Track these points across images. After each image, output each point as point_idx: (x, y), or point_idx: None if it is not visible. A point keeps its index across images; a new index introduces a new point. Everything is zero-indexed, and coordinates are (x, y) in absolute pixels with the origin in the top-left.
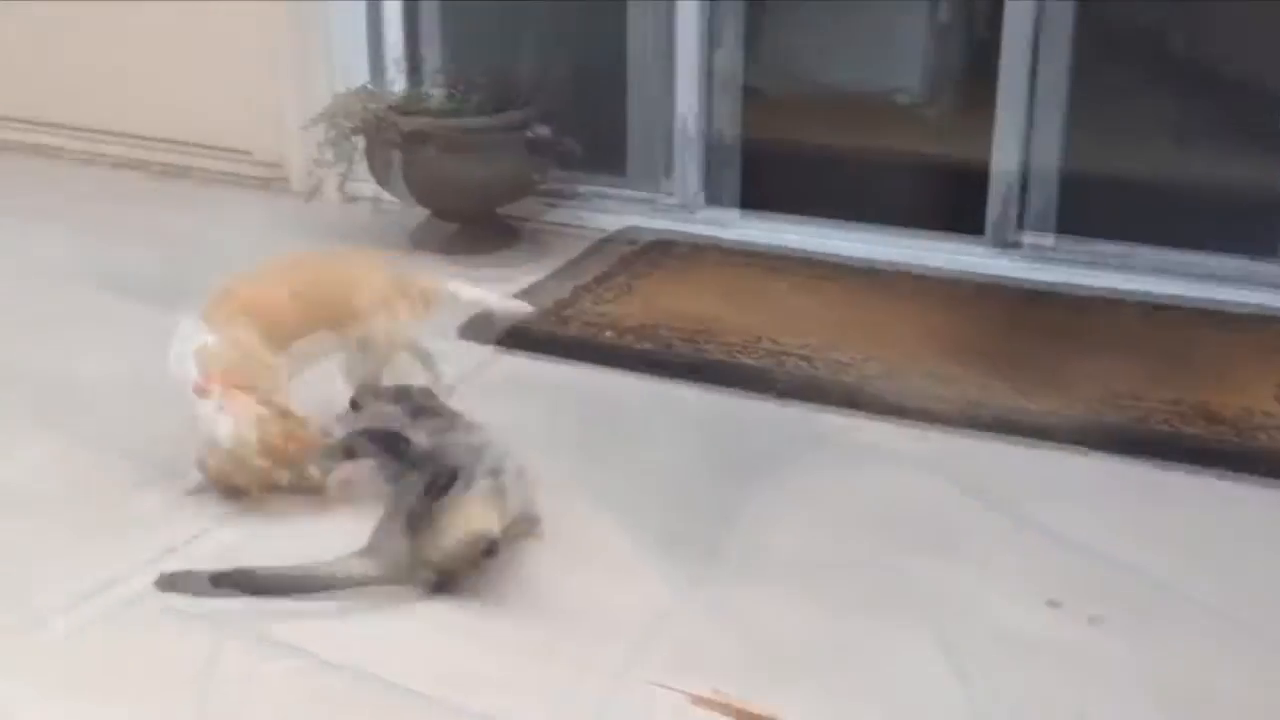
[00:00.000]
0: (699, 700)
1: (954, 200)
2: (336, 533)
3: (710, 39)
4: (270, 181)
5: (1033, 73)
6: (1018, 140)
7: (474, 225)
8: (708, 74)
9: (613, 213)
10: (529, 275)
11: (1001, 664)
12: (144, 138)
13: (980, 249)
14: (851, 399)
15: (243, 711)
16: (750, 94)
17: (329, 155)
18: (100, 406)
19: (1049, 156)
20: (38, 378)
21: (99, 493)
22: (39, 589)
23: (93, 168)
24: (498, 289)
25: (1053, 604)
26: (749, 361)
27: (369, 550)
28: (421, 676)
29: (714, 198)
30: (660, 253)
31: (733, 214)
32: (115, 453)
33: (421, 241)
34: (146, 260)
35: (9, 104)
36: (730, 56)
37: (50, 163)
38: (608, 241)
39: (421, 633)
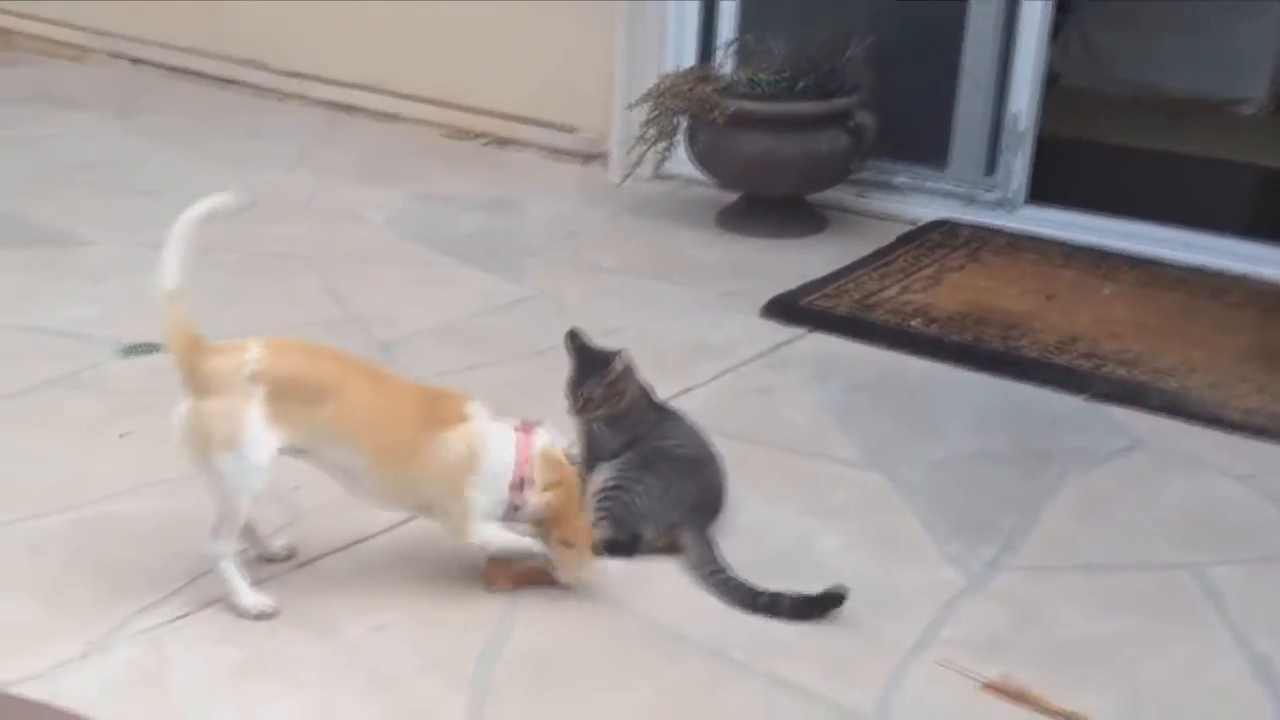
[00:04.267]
0: (989, 686)
1: None
2: None
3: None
4: (591, 158)
5: None
6: None
7: (784, 209)
8: (1045, 72)
9: (926, 205)
10: (836, 261)
11: None
12: (477, 109)
13: None
14: (1172, 406)
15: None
16: (1078, 94)
17: (651, 133)
18: (413, 353)
19: None
20: (368, 321)
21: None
22: (365, 513)
23: (427, 134)
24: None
25: None
26: (1064, 362)
27: None
28: (709, 632)
29: (1036, 195)
30: (976, 247)
31: (1055, 213)
32: None
33: (729, 222)
34: (465, 223)
35: (358, 72)
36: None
37: (387, 126)
38: (920, 232)
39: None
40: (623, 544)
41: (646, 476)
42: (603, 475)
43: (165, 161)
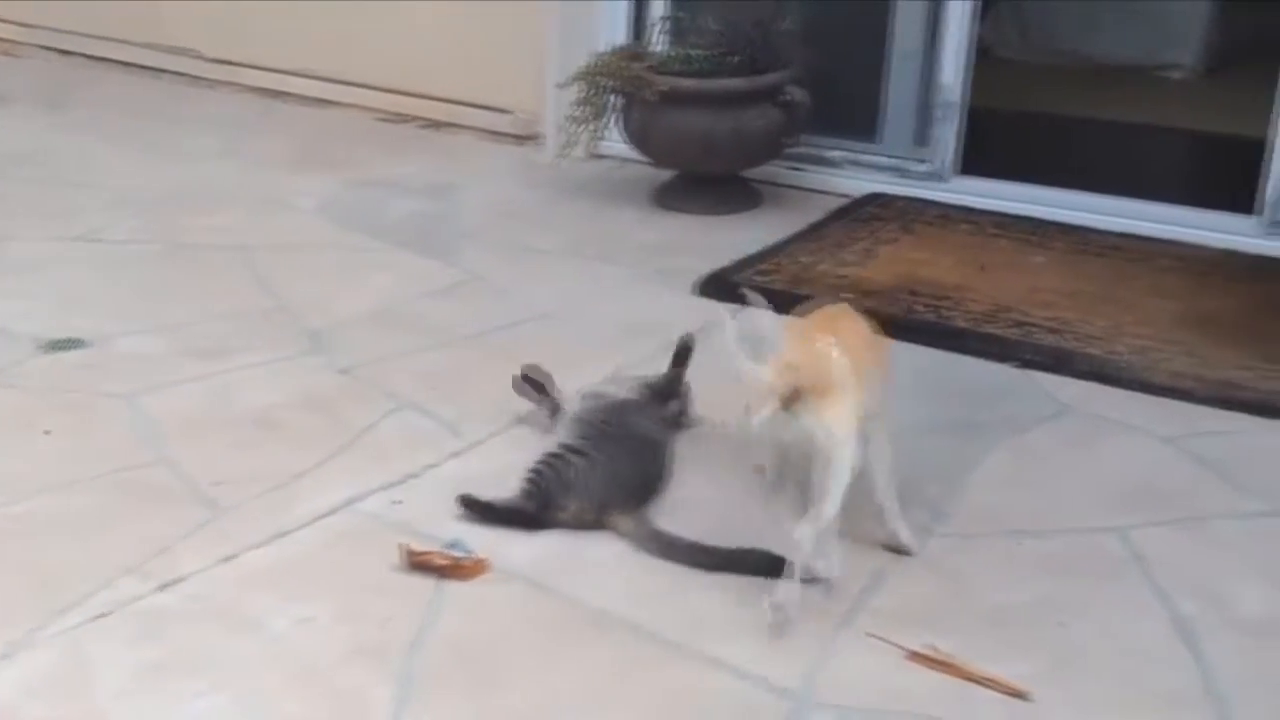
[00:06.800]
0: (915, 656)
1: (1225, 177)
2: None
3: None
4: (526, 139)
5: None
6: None
7: (719, 185)
8: (973, 43)
9: (860, 178)
10: (771, 236)
11: (1236, 643)
12: (411, 93)
13: (1252, 227)
14: (1100, 372)
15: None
16: (1010, 65)
17: (584, 113)
18: (347, 340)
19: None
20: (298, 310)
21: (346, 419)
22: (290, 505)
23: (361, 119)
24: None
25: None
26: (994, 331)
27: None
28: (638, 613)
29: (966, 166)
30: (909, 219)
31: (987, 183)
32: (368, 383)
33: (664, 200)
34: (400, 207)
35: (288, 58)
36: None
37: (321, 112)
38: (854, 206)
39: (642, 571)
40: (529, 514)
41: (594, 452)
42: (560, 435)
43: (95, 153)
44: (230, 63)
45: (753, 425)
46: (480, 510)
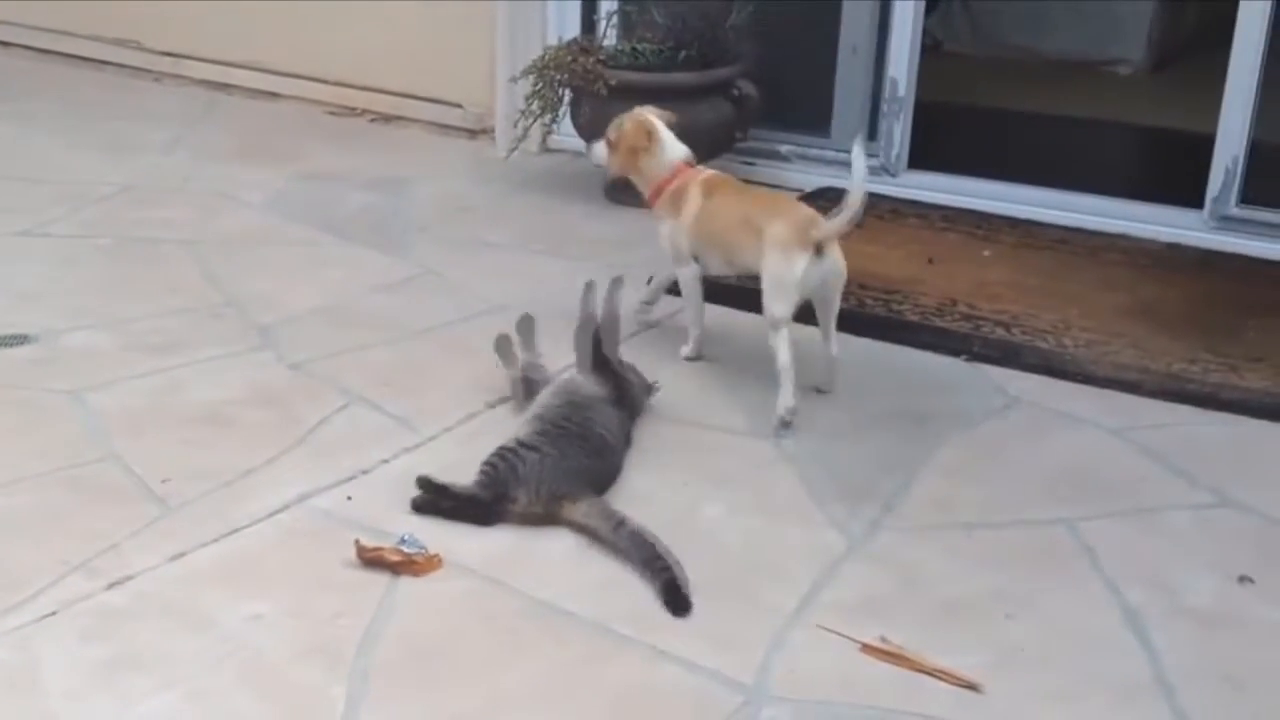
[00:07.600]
0: (867, 648)
1: (1171, 172)
2: None
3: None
4: (478, 133)
5: (1270, 46)
6: (1245, 115)
7: None
8: (921, 38)
9: (811, 172)
10: None
11: (1184, 632)
12: (361, 85)
13: (1198, 221)
14: (1047, 365)
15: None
16: (960, 60)
17: (535, 106)
18: (297, 335)
19: (1276, 133)
20: (248, 305)
21: (297, 415)
22: (241, 501)
23: (310, 112)
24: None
25: (1244, 580)
26: (943, 324)
27: None
28: (591, 607)
29: (916, 161)
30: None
31: (936, 178)
32: (319, 378)
33: (616, 195)
34: (350, 202)
35: (236, 50)
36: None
37: (269, 105)
38: (806, 200)
39: (593, 566)
40: (482, 504)
41: (546, 447)
42: (518, 430)
43: (39, 147)
44: (175, 55)
45: (797, 272)
46: (436, 490)
